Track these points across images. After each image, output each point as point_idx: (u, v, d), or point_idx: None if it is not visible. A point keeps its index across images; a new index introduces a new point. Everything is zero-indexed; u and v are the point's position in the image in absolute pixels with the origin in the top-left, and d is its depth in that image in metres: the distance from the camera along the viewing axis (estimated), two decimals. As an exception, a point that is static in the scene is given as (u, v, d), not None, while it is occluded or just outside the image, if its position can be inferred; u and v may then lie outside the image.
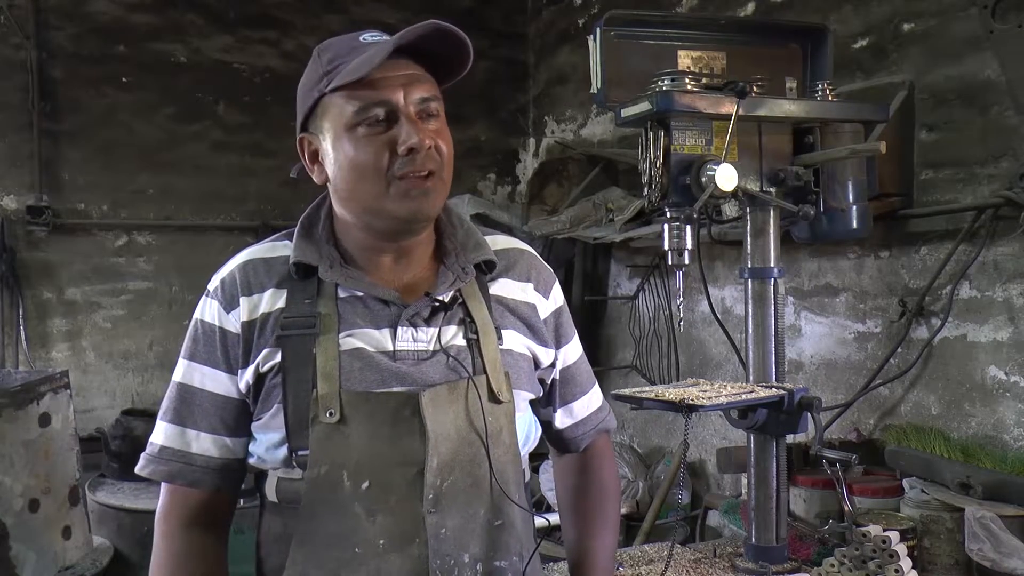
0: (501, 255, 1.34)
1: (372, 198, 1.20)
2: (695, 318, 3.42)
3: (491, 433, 1.22)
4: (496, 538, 1.23)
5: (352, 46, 1.21)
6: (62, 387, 2.57)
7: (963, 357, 2.45)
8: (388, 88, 1.17)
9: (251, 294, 1.25)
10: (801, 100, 1.98)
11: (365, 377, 1.20)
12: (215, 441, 1.26)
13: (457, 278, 1.26)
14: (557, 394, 1.41)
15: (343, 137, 1.19)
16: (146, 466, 1.28)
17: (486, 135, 4.67)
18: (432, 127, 1.20)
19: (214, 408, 1.25)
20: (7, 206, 3.77)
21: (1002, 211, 2.31)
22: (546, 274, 1.40)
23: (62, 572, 2.49)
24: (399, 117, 1.18)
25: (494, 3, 4.64)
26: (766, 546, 1.92)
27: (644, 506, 3.42)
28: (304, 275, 1.24)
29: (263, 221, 4.07)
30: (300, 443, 1.18)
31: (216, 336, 1.25)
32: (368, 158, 1.18)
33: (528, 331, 1.33)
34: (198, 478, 1.26)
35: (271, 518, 1.26)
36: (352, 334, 1.21)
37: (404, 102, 1.18)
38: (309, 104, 1.23)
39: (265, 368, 1.22)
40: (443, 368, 1.22)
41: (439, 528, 1.18)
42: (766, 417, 1.84)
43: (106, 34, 3.93)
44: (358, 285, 1.23)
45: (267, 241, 1.32)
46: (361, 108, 1.17)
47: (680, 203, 1.76)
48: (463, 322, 1.25)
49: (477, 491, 1.21)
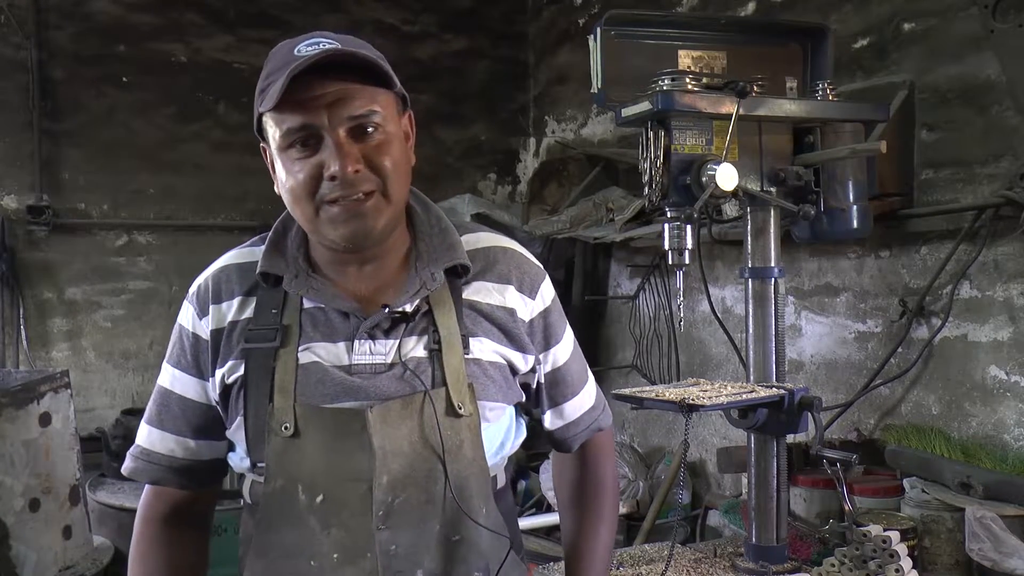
0: (480, 255, 1.29)
1: (307, 221, 1.18)
2: (695, 318, 3.42)
3: (449, 448, 1.19)
4: (454, 554, 1.20)
5: (287, 60, 1.13)
6: (62, 387, 2.57)
7: (963, 357, 2.45)
8: (312, 110, 1.11)
9: (220, 302, 1.26)
10: (801, 100, 1.98)
11: (319, 391, 1.19)
12: (179, 443, 1.29)
13: (423, 286, 1.22)
14: (545, 396, 1.37)
15: (278, 157, 1.17)
16: (126, 465, 1.33)
17: (486, 135, 4.67)
18: (372, 143, 1.15)
19: (182, 411, 1.28)
20: (7, 206, 3.77)
21: (1002, 211, 2.31)
22: (532, 273, 1.33)
23: (62, 572, 2.49)
24: (324, 140, 1.12)
25: (494, 3, 4.63)
26: (766, 546, 1.92)
27: (644, 506, 3.42)
28: (274, 283, 1.24)
29: (263, 221, 4.06)
30: (259, 456, 1.19)
31: (191, 342, 1.27)
32: (297, 183, 1.14)
33: (503, 337, 1.28)
34: (161, 476, 1.30)
35: (247, 519, 1.27)
36: (310, 347, 1.20)
37: (329, 123, 1.12)
38: (256, 117, 1.19)
39: (231, 379, 1.22)
40: (399, 381, 1.19)
41: (390, 544, 1.16)
42: (766, 417, 1.84)
43: (106, 34, 3.93)
44: (320, 296, 1.21)
45: (247, 245, 1.32)
46: (287, 132, 1.13)
47: (680, 203, 1.76)
48: (426, 332, 1.22)
49: (432, 507, 1.19)
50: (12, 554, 2.32)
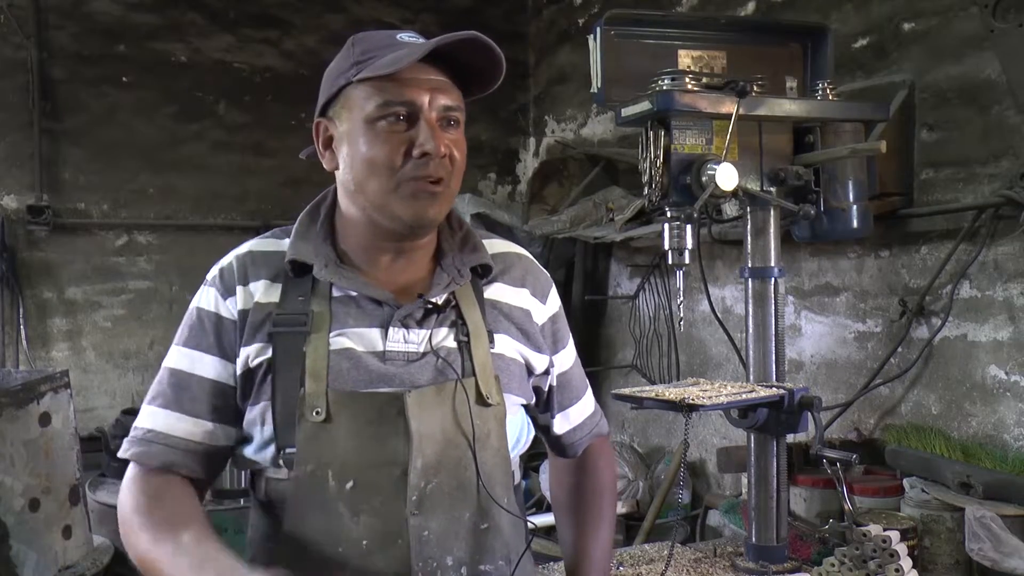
0: (498, 259, 1.34)
1: (380, 195, 1.20)
2: (695, 318, 3.42)
3: (478, 436, 1.22)
4: (482, 542, 1.22)
5: (388, 42, 1.21)
6: (62, 386, 2.57)
7: (963, 357, 2.45)
8: (415, 89, 1.18)
9: (247, 283, 1.26)
10: (801, 99, 1.98)
11: (353, 377, 1.20)
12: (198, 424, 1.24)
13: (452, 280, 1.26)
14: (555, 400, 1.41)
15: (362, 129, 1.20)
16: (129, 448, 1.25)
17: (486, 134, 4.67)
18: (451, 136, 1.22)
19: (204, 394, 1.24)
20: (7, 206, 3.77)
21: (1002, 210, 2.31)
22: (543, 279, 1.40)
23: (62, 572, 2.48)
24: (420, 120, 1.18)
25: (494, 3, 4.64)
26: (766, 546, 1.91)
27: (644, 506, 3.42)
28: (300, 272, 1.25)
29: (263, 221, 4.06)
30: (287, 441, 1.19)
31: (213, 323, 1.26)
32: (382, 154, 1.18)
33: (522, 336, 1.32)
34: (178, 460, 1.23)
35: (260, 518, 1.27)
36: (343, 333, 1.22)
37: (428, 106, 1.19)
38: (334, 90, 1.23)
39: (255, 362, 1.22)
40: (432, 370, 1.22)
41: (422, 530, 1.18)
42: (766, 417, 1.84)
43: (106, 34, 3.93)
44: (352, 284, 1.24)
45: (269, 236, 1.33)
46: (385, 103, 1.18)
47: (680, 202, 1.76)
48: (455, 324, 1.25)
49: (463, 494, 1.21)
50: (12, 554, 2.32)
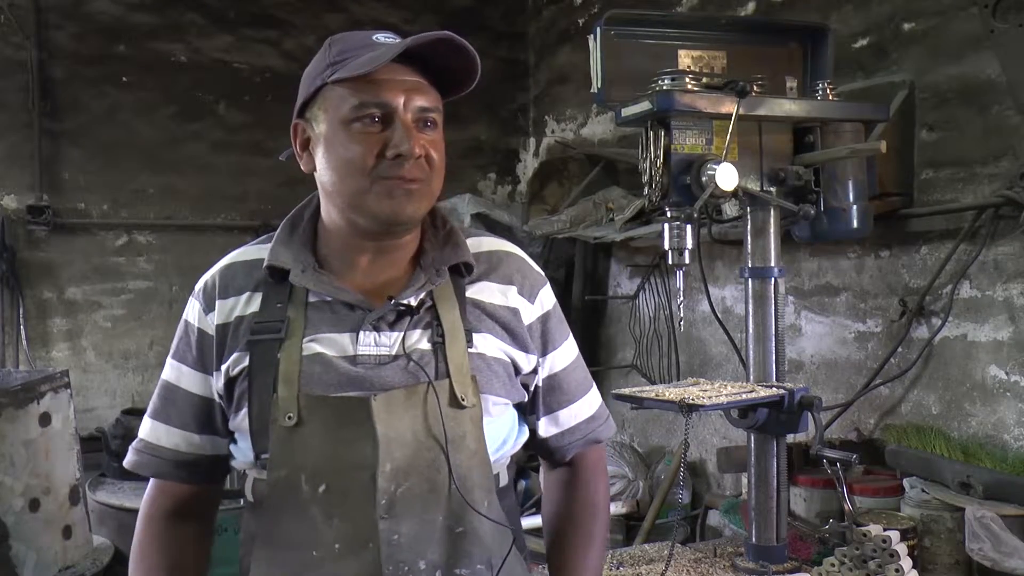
0: (484, 257, 1.33)
1: (355, 195, 1.20)
2: (695, 318, 3.42)
3: (452, 439, 1.20)
4: (458, 545, 1.20)
5: (364, 43, 1.21)
6: (62, 387, 2.57)
7: (963, 357, 2.45)
8: (390, 90, 1.18)
9: (227, 297, 1.28)
10: (801, 100, 1.98)
11: (324, 381, 1.20)
12: (184, 437, 1.30)
13: (428, 280, 1.25)
14: (541, 401, 1.37)
15: (337, 130, 1.20)
16: (128, 458, 1.34)
17: (486, 135, 4.67)
18: (428, 137, 1.21)
19: (189, 406, 1.30)
20: (7, 206, 3.77)
21: (1002, 211, 2.31)
22: (533, 277, 1.36)
23: (62, 572, 2.48)
24: (395, 121, 1.18)
25: (494, 3, 4.64)
26: (766, 546, 1.92)
27: (644, 506, 3.41)
28: (280, 279, 1.26)
29: (263, 221, 4.06)
30: (262, 446, 1.20)
31: (196, 337, 1.29)
32: (356, 155, 1.18)
33: (507, 336, 1.30)
34: (168, 471, 1.31)
35: (249, 518, 1.28)
36: (316, 339, 1.22)
37: (403, 107, 1.19)
38: (310, 92, 1.23)
39: (235, 372, 1.24)
40: (403, 372, 1.21)
41: (392, 534, 1.17)
42: (766, 417, 1.85)
43: (106, 34, 3.93)
44: (325, 289, 1.24)
45: (254, 243, 1.35)
46: (360, 104, 1.18)
47: (680, 203, 1.77)
48: (430, 325, 1.24)
49: (436, 497, 1.19)
50: (12, 554, 2.32)
